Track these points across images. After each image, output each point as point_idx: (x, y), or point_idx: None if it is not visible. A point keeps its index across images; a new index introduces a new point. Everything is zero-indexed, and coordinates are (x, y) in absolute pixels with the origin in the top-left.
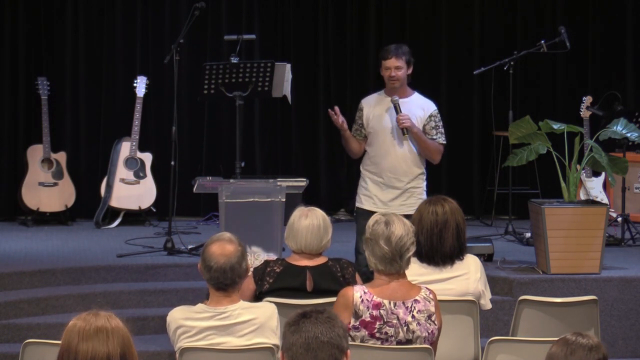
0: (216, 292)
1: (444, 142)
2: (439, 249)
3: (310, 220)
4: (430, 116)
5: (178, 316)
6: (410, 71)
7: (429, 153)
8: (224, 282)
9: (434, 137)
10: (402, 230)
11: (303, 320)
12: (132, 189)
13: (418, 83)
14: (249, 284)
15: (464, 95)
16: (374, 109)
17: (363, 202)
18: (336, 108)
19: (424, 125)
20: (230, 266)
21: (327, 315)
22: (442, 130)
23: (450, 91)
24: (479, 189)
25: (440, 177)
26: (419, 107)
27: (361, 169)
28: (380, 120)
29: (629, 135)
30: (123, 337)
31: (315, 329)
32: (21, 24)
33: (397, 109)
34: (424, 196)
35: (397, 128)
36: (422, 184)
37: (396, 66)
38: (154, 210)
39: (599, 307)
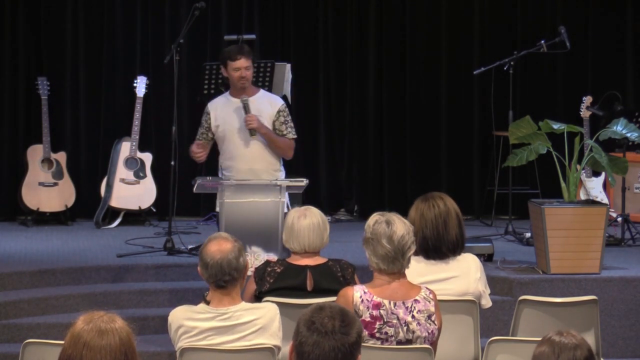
0: (217, 290)
1: (295, 137)
2: (445, 238)
3: (310, 220)
4: (278, 112)
5: (180, 316)
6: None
7: (280, 151)
8: (223, 278)
9: (284, 132)
10: (403, 229)
11: (317, 338)
12: (132, 189)
13: (418, 82)
14: (250, 285)
15: (464, 95)
16: (222, 111)
17: None
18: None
19: (274, 122)
20: (227, 261)
21: (340, 326)
22: (292, 125)
23: (450, 91)
24: (479, 189)
25: (440, 177)
26: (267, 104)
27: (221, 171)
28: (230, 122)
29: (629, 135)
30: (126, 339)
31: (329, 344)
32: (21, 24)
33: (246, 109)
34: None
35: (245, 129)
36: None
37: (246, 66)
38: (154, 210)
39: (599, 307)
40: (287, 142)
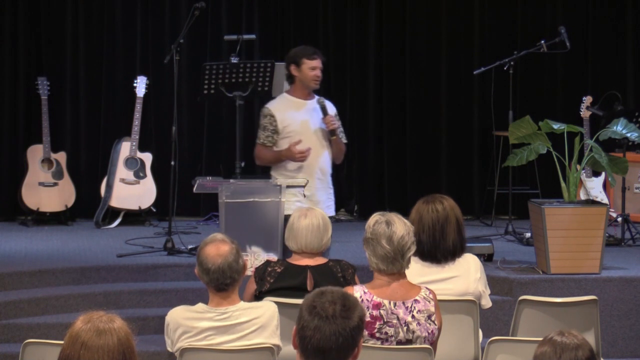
0: (217, 293)
1: (346, 141)
2: (441, 245)
3: (309, 220)
4: (335, 115)
5: (178, 316)
6: None
7: (341, 153)
8: (224, 281)
9: (340, 136)
10: (403, 229)
11: (318, 322)
12: (132, 189)
13: (418, 82)
14: (250, 285)
15: (464, 95)
16: (288, 113)
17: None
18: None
19: None
20: (228, 265)
21: (341, 310)
22: (342, 129)
23: (450, 91)
24: (479, 189)
25: (440, 177)
26: (328, 107)
27: (276, 174)
28: (302, 122)
29: (629, 135)
30: (125, 339)
31: (329, 329)
32: (21, 24)
33: (324, 110)
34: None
35: (322, 129)
36: None
37: (320, 67)
38: (154, 210)
39: (599, 307)
40: (344, 145)
